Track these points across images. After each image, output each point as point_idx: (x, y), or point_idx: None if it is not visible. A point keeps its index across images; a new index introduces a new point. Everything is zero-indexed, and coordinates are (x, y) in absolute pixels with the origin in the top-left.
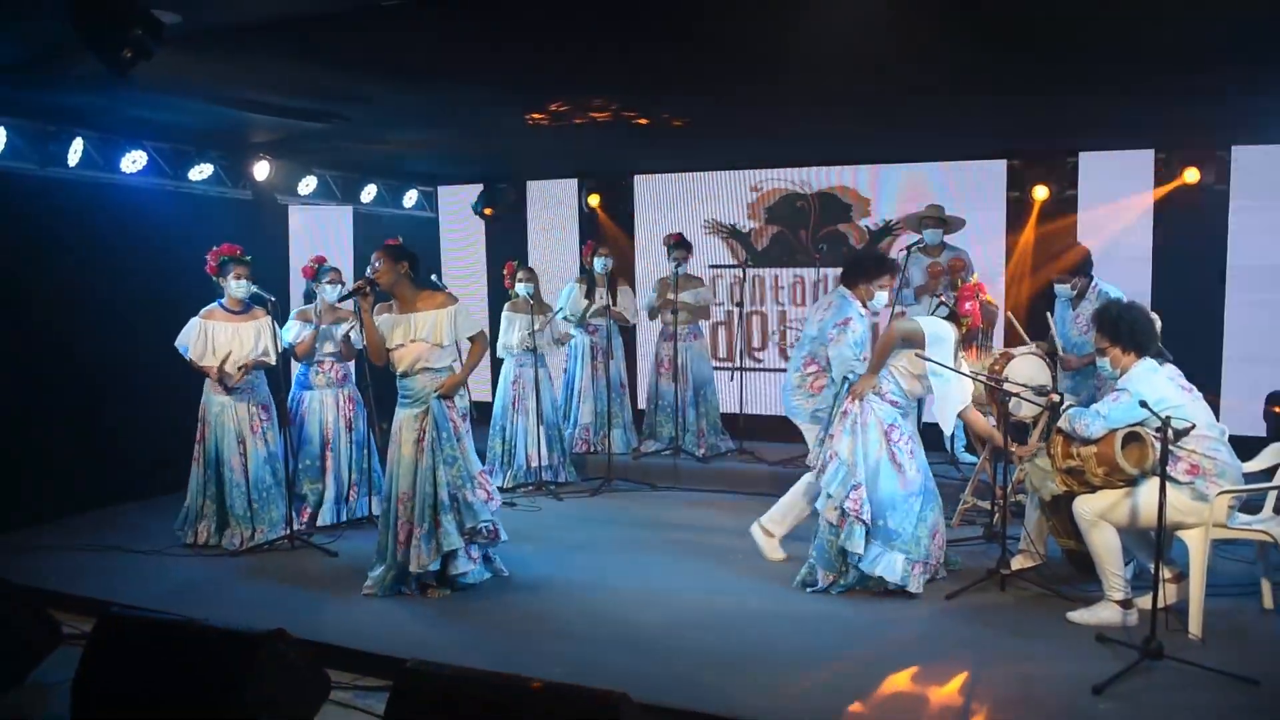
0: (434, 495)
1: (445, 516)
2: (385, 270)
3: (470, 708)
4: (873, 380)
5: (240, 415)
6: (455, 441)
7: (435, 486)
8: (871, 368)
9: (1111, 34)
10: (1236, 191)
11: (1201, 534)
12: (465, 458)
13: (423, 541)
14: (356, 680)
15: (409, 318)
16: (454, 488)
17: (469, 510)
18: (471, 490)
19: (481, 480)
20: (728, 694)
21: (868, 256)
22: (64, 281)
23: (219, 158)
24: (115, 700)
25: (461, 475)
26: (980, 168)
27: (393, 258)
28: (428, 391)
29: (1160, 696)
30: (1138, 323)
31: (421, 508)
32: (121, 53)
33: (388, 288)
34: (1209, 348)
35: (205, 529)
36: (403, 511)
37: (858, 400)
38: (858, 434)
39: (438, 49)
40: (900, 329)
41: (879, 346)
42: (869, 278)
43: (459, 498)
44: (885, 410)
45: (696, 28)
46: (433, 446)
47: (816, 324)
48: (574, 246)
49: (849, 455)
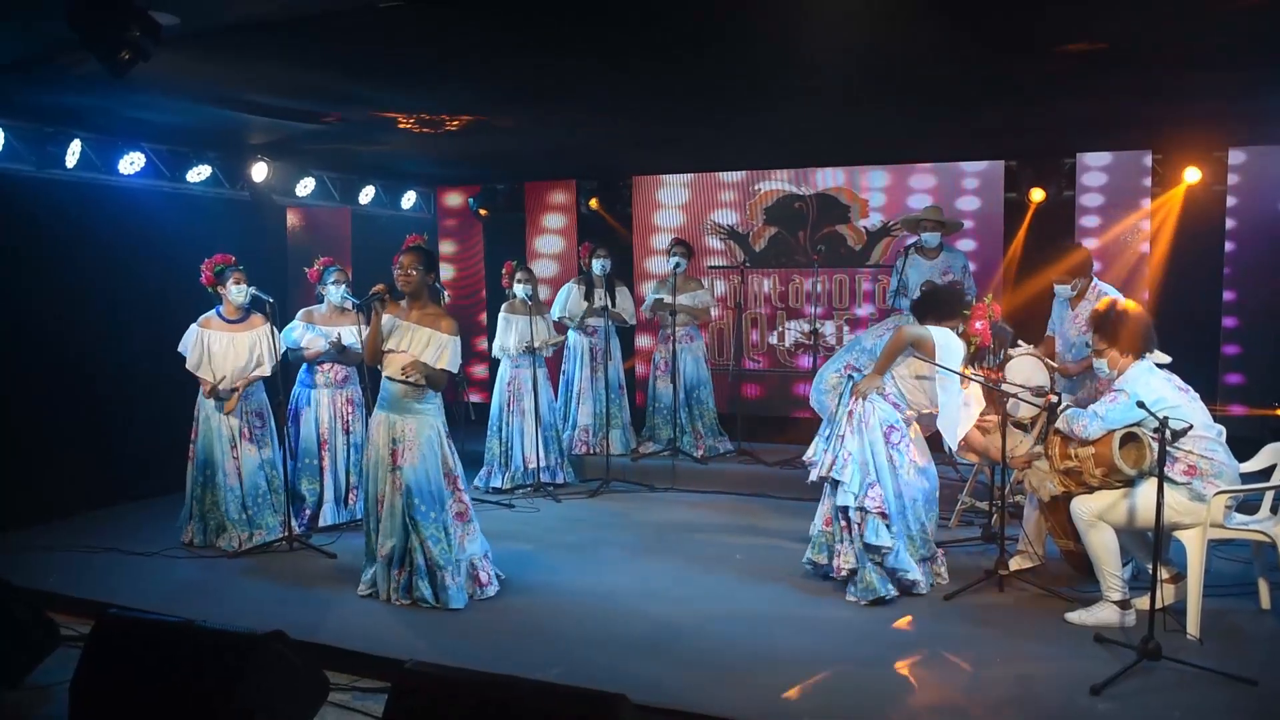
0: (415, 551)
1: (422, 582)
2: (417, 279)
3: (468, 709)
4: (877, 380)
5: (232, 421)
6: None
7: (407, 541)
8: (878, 368)
9: (1109, 35)
10: (1234, 193)
11: (1199, 534)
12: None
13: (391, 585)
14: (355, 681)
15: (411, 327)
16: (430, 559)
17: (444, 593)
18: (453, 576)
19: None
20: (726, 695)
21: (947, 296)
22: (62, 283)
23: (217, 159)
24: (113, 702)
25: (443, 557)
26: (978, 169)
27: (425, 267)
28: (400, 403)
29: (1158, 697)
30: (1135, 324)
31: (393, 544)
32: (119, 54)
33: (411, 293)
34: (1207, 349)
35: (200, 529)
36: (376, 521)
37: (861, 399)
38: (863, 433)
39: (435, 50)
40: (910, 333)
41: (887, 348)
42: (939, 316)
43: (439, 578)
44: (886, 410)
45: (697, 27)
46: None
47: (874, 339)
48: (572, 248)
49: (859, 453)
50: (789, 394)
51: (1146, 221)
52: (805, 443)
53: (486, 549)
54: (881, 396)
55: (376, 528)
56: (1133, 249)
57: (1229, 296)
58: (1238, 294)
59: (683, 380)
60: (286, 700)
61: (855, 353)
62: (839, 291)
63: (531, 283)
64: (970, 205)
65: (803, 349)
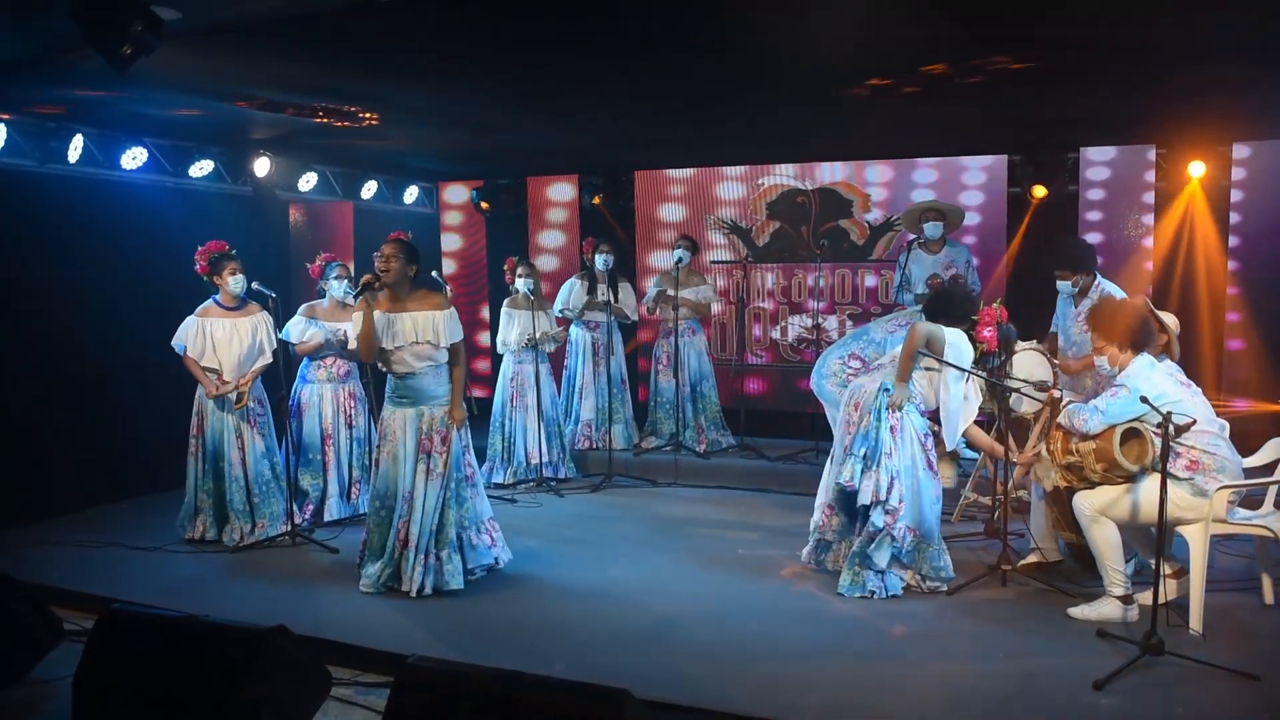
0: (439, 528)
1: (451, 554)
2: (397, 268)
3: (471, 704)
4: (906, 390)
5: (238, 410)
6: (466, 483)
7: (443, 521)
8: (901, 374)
9: (1113, 30)
10: (1239, 187)
11: (1202, 529)
12: (475, 501)
13: (423, 571)
14: (357, 676)
15: (400, 318)
16: (461, 528)
17: (473, 552)
18: (477, 533)
19: (489, 525)
20: (729, 690)
21: (960, 298)
22: (64, 279)
23: (219, 154)
24: (117, 696)
25: (469, 517)
26: (981, 163)
27: (406, 257)
28: (426, 393)
29: (1161, 692)
30: (1134, 320)
31: (421, 531)
32: (122, 49)
33: (392, 284)
34: (1211, 343)
35: (202, 523)
36: (407, 510)
37: (897, 412)
38: (903, 447)
39: (437, 45)
40: (923, 330)
41: (905, 349)
42: (950, 318)
43: (465, 538)
44: (920, 421)
45: (699, 25)
46: (445, 478)
47: (884, 332)
48: (574, 243)
49: (902, 472)
50: (792, 389)
51: (1150, 216)
52: (808, 437)
53: (491, 512)
54: (912, 404)
55: (394, 521)
56: (1136, 244)
57: (1233, 291)
58: (1242, 289)
59: (686, 375)
60: (290, 695)
61: (862, 342)
62: (841, 286)
63: (534, 278)
64: (973, 200)
65: (805, 344)
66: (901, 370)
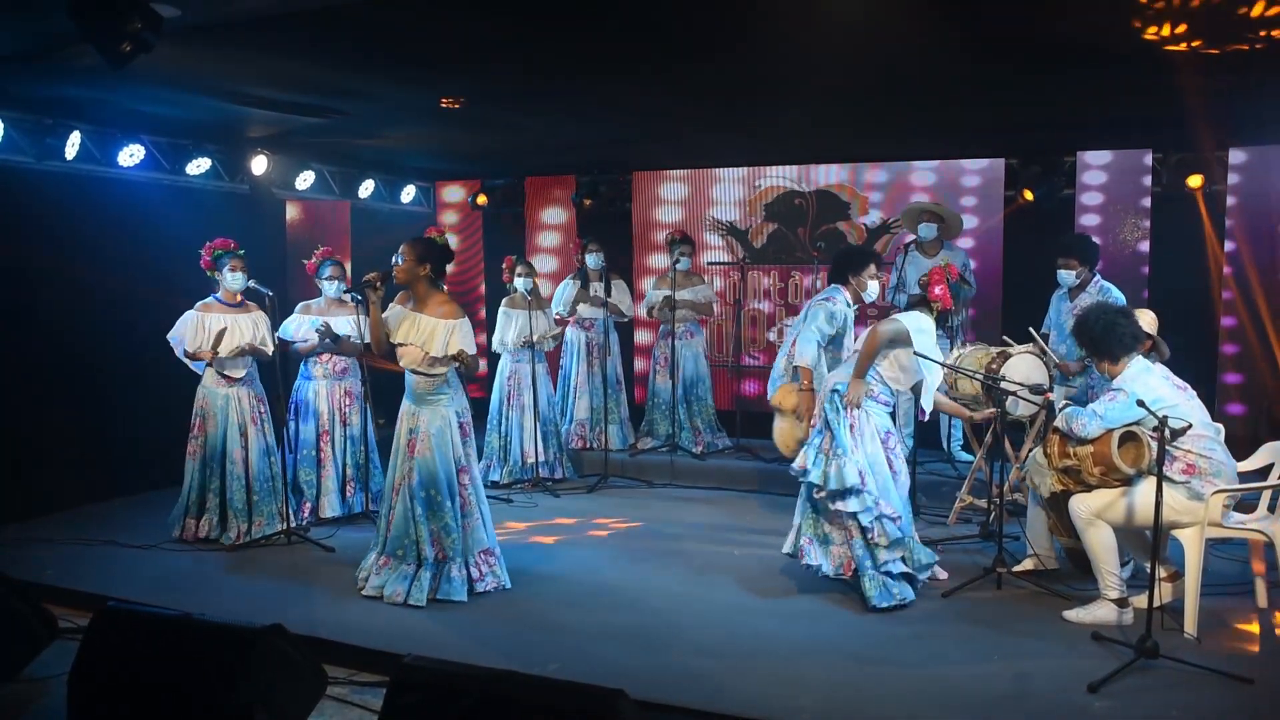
0: (414, 540)
1: (425, 574)
2: (406, 266)
3: (467, 703)
4: (862, 385)
5: (243, 406)
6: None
7: (416, 536)
8: (858, 371)
9: (1111, 35)
10: (1233, 192)
11: (1197, 533)
12: (468, 532)
13: (415, 583)
14: (353, 675)
15: (416, 317)
16: (440, 547)
17: (450, 584)
18: (460, 566)
19: (480, 558)
20: (724, 690)
21: (848, 250)
22: (60, 276)
23: (216, 152)
24: (112, 694)
25: (454, 547)
26: (979, 166)
27: (416, 256)
28: (425, 393)
29: (1155, 695)
30: (1116, 328)
31: (392, 535)
32: (120, 46)
33: (403, 283)
34: (1205, 347)
35: (207, 523)
36: (387, 509)
37: (855, 409)
38: (863, 445)
39: (434, 42)
40: (884, 332)
41: (865, 350)
42: (856, 270)
43: (445, 569)
44: (881, 418)
45: (698, 25)
46: (414, 488)
47: (799, 324)
48: (572, 242)
49: (867, 464)
50: None
51: (1146, 219)
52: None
53: (492, 544)
54: (873, 400)
55: (388, 514)
56: (1132, 248)
57: (1228, 296)
58: (1236, 293)
59: (682, 376)
60: (285, 694)
61: (791, 340)
62: None
63: (531, 277)
64: (971, 203)
65: None
66: (858, 368)
